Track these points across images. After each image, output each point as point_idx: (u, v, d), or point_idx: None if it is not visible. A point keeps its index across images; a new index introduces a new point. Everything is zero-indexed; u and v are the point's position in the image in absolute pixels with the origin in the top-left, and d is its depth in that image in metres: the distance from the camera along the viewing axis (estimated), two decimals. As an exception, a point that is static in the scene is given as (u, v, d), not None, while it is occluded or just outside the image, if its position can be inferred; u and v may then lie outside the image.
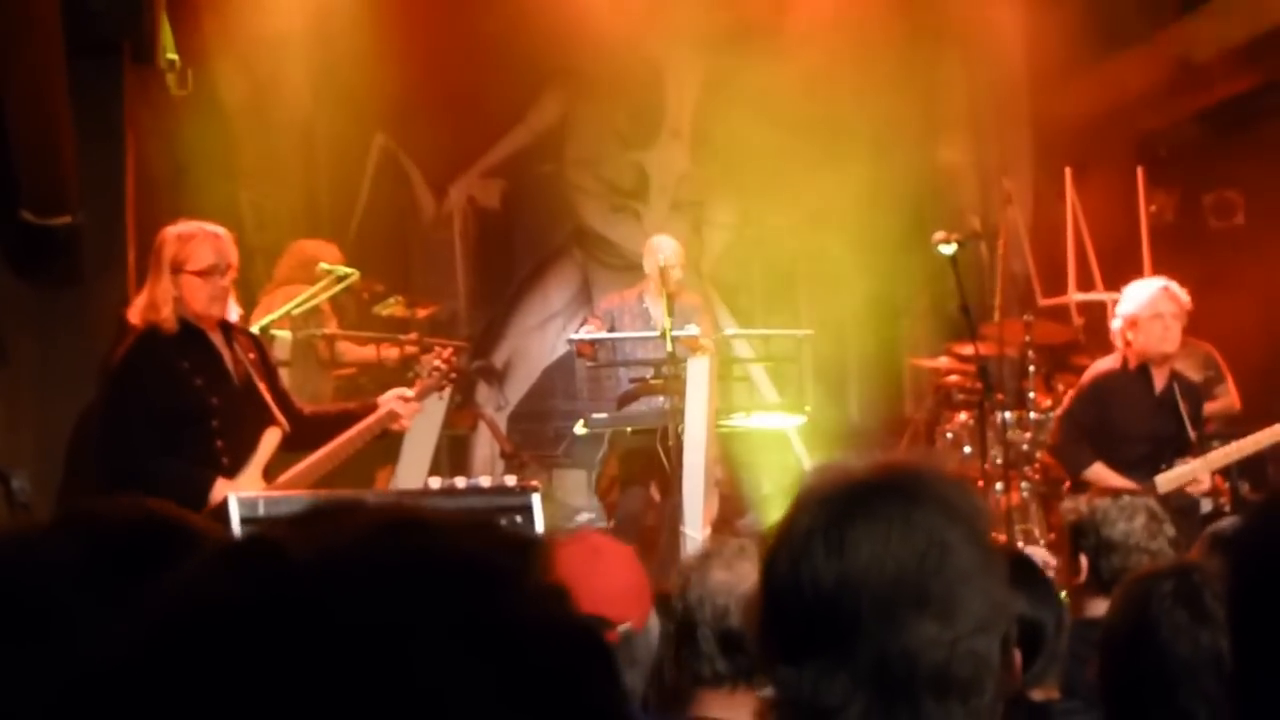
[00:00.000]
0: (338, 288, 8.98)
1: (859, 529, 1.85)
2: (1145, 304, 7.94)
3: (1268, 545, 1.67)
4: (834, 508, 1.89)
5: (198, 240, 6.26)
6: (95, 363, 7.06)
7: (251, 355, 6.48)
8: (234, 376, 6.34)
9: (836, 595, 1.84)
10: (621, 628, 3.24)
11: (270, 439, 6.34)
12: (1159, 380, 8.06)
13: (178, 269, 6.21)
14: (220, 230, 6.38)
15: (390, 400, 6.79)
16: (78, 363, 7.46)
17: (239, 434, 6.25)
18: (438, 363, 7.05)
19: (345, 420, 6.71)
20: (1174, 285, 8.04)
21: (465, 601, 0.90)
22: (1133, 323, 7.95)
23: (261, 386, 6.41)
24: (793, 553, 1.89)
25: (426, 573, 0.91)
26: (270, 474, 6.34)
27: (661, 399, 8.84)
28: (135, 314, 6.27)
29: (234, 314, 6.44)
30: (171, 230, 6.33)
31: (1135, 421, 8.00)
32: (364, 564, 0.90)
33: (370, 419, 6.70)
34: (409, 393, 6.87)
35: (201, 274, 6.24)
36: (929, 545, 1.85)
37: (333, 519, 0.95)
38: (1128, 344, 8.01)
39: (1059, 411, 8.33)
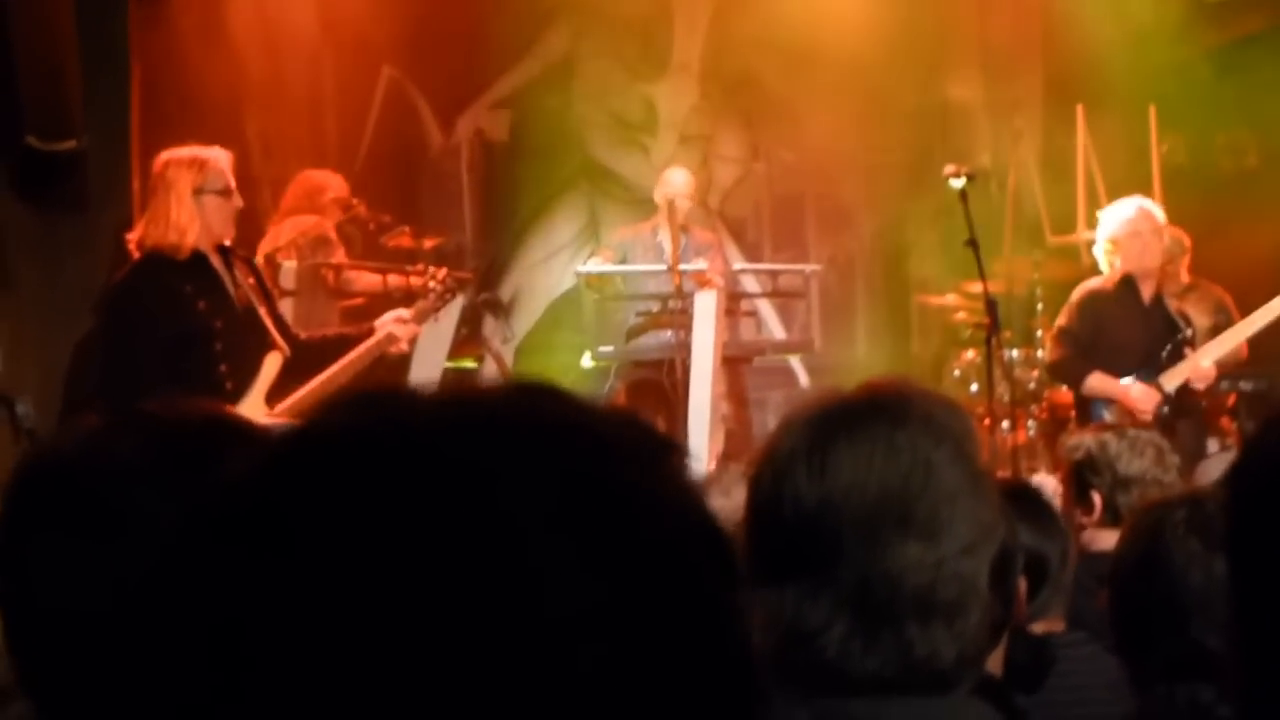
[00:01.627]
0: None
1: (841, 450, 1.82)
2: (1123, 224, 8.15)
3: (1267, 465, 1.64)
4: (818, 428, 1.86)
5: (213, 163, 6.36)
6: (99, 288, 7.04)
7: (250, 280, 6.51)
8: (235, 300, 6.35)
9: (818, 517, 1.81)
10: None
11: (272, 363, 6.34)
12: (1146, 291, 8.20)
13: (200, 191, 6.25)
14: (224, 152, 6.43)
15: (388, 323, 6.80)
16: (82, 288, 7.44)
17: (242, 358, 6.26)
18: (432, 284, 7.06)
19: (342, 345, 6.72)
20: (1149, 203, 8.26)
21: (592, 473, 0.88)
22: (1114, 244, 8.09)
23: (262, 311, 6.42)
24: (776, 474, 1.86)
25: (557, 436, 0.89)
26: (270, 400, 6.34)
27: (669, 333, 8.82)
28: (150, 238, 6.27)
29: None
30: (178, 154, 6.35)
31: (1128, 330, 8.12)
32: (492, 417, 0.90)
33: (369, 342, 6.72)
34: (406, 314, 6.90)
35: (222, 194, 6.32)
36: (913, 466, 1.82)
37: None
38: (1112, 266, 8.11)
39: (1052, 330, 8.40)
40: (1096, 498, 4.78)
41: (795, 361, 11.14)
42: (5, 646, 1.76)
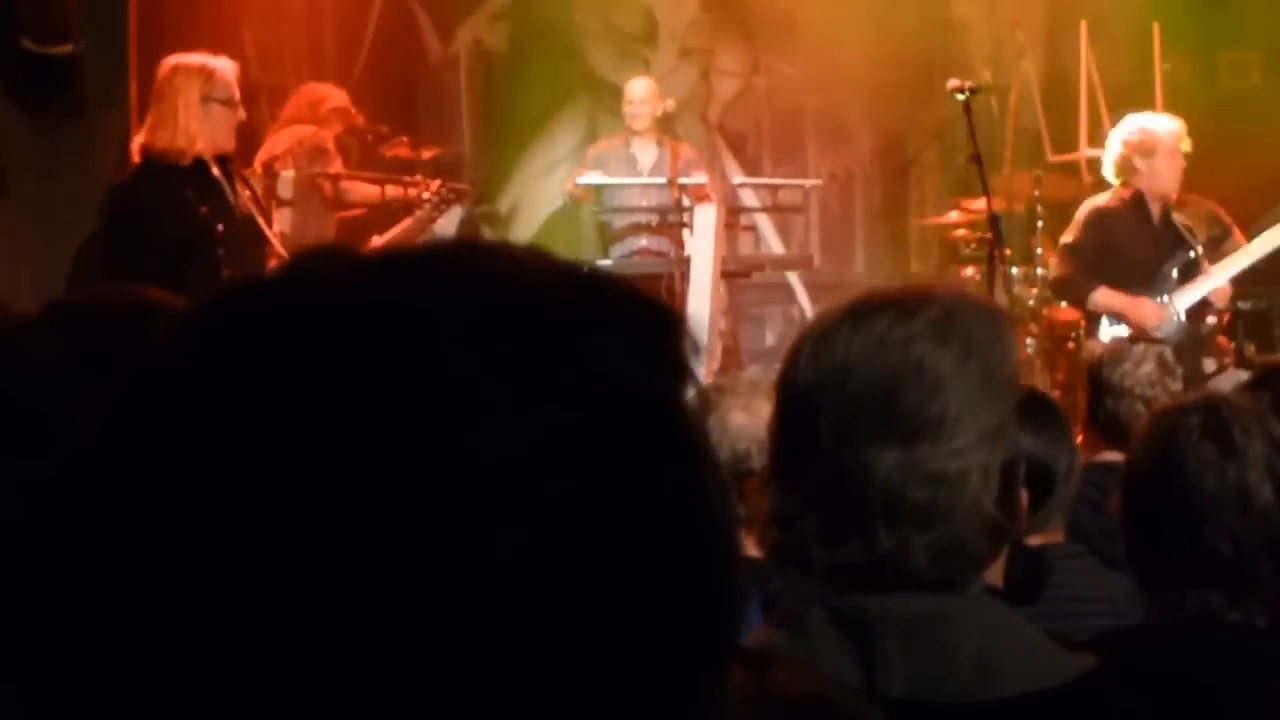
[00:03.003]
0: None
1: (840, 337, 1.81)
2: (1166, 137, 7.93)
3: None
4: (832, 318, 1.85)
5: (220, 73, 6.37)
6: (96, 195, 7.01)
7: (247, 192, 6.53)
8: (236, 208, 6.36)
9: (804, 400, 1.81)
10: None
11: (275, 270, 6.36)
12: (1155, 209, 8.07)
13: (206, 99, 6.25)
14: (231, 62, 6.44)
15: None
16: (78, 195, 7.39)
17: (244, 265, 6.26)
18: (426, 194, 7.06)
19: None
20: (1178, 123, 8.11)
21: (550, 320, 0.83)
22: (1150, 150, 7.91)
23: (260, 220, 6.44)
24: (787, 362, 1.87)
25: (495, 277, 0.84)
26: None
27: (644, 239, 8.80)
28: (159, 141, 6.27)
29: None
30: (186, 60, 6.37)
31: (1137, 248, 8.02)
32: (430, 266, 0.84)
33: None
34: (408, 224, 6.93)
35: (228, 104, 6.35)
36: (904, 361, 1.78)
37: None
38: (1134, 172, 7.95)
39: (1058, 246, 8.33)
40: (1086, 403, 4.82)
41: (793, 277, 11.11)
42: None
